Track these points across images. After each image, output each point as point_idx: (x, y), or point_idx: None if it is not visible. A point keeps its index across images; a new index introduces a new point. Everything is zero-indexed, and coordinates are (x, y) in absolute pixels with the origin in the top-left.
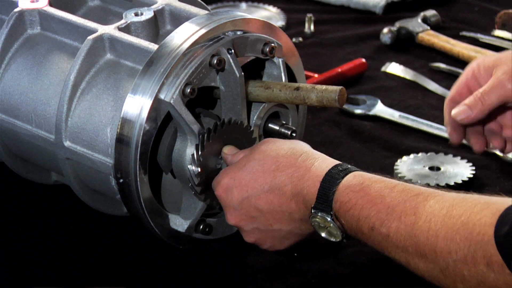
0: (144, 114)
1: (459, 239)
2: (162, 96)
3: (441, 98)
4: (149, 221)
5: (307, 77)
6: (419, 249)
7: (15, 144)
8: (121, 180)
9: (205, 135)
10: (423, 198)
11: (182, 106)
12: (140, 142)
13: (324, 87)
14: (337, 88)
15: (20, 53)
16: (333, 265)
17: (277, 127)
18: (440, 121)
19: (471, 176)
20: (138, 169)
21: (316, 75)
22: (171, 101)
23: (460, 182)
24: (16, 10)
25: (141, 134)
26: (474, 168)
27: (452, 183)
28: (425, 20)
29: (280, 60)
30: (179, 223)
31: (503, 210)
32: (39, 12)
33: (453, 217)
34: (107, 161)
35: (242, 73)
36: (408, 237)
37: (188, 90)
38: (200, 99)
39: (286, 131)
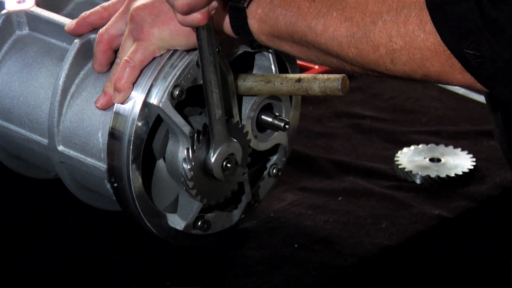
0: (134, 118)
1: (392, 1)
2: (150, 100)
3: (442, 90)
4: (146, 222)
5: (307, 69)
6: (346, 13)
7: (11, 146)
8: (115, 185)
9: (195, 136)
10: None
11: (172, 109)
12: (132, 147)
13: (325, 76)
14: (339, 76)
15: (10, 55)
16: (333, 257)
17: (270, 119)
18: (441, 113)
19: (472, 167)
20: (131, 173)
21: (316, 67)
22: (160, 105)
23: (461, 173)
24: (3, 12)
25: (132, 140)
26: (474, 159)
27: (453, 175)
28: None
29: (270, 52)
30: (177, 222)
31: None
32: (26, 13)
33: None
34: (100, 165)
35: (231, 72)
36: (337, 2)
37: (177, 93)
38: (191, 97)
39: (280, 123)
